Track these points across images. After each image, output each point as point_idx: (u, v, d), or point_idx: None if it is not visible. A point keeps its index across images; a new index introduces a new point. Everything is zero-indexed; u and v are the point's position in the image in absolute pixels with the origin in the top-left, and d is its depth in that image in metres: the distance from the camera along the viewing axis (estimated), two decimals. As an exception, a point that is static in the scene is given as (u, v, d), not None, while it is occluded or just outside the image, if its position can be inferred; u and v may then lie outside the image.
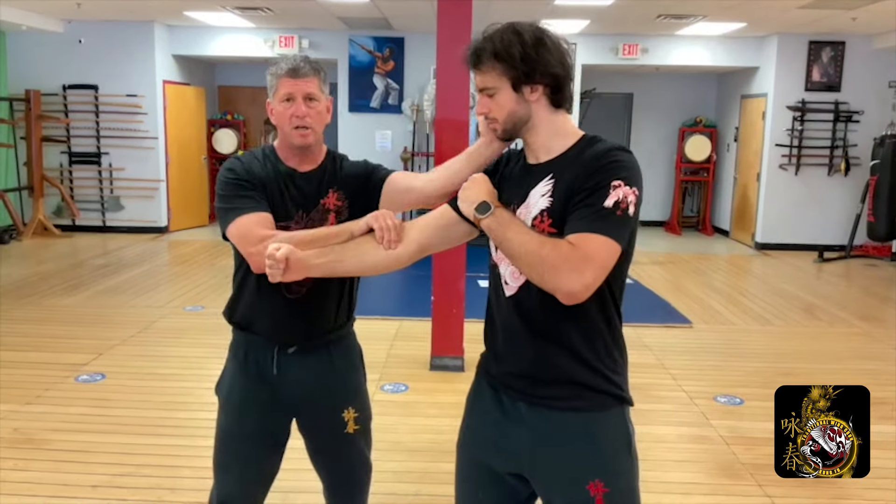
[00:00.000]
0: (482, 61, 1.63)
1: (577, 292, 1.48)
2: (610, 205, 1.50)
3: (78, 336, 5.24)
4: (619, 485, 1.62)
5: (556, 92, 1.64)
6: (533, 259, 1.50)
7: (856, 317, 6.43)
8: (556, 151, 1.64)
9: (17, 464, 3.34)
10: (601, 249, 1.49)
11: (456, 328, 4.72)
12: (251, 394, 2.06)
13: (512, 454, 1.68)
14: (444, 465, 3.43)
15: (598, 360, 1.62)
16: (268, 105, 2.04)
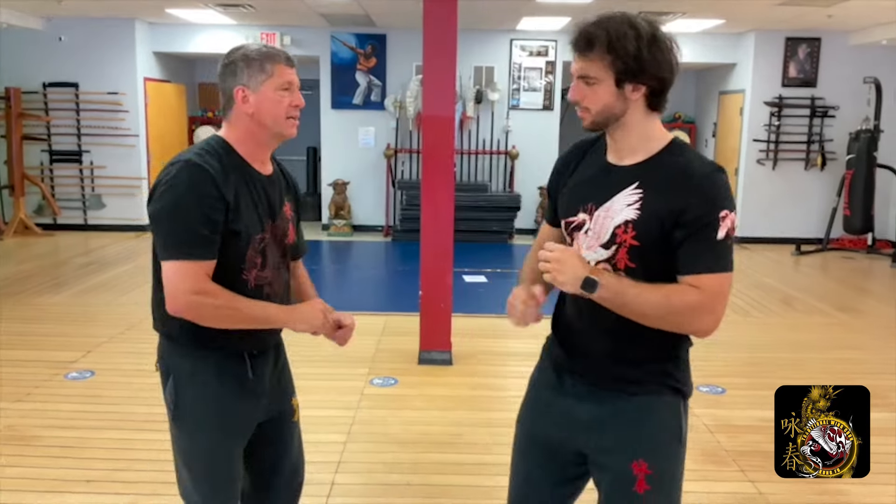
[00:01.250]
0: (593, 48, 1.57)
1: (712, 330, 1.58)
2: (722, 236, 1.54)
3: (65, 334, 5.24)
4: (663, 468, 1.70)
5: (656, 94, 1.61)
6: (664, 313, 1.56)
7: (833, 307, 6.57)
8: (642, 155, 1.63)
9: (10, 460, 3.36)
10: (725, 285, 1.57)
11: (443, 322, 4.78)
12: (235, 409, 1.92)
13: (572, 432, 1.76)
14: (434, 455, 3.52)
15: (657, 353, 1.69)
16: (240, 91, 1.82)
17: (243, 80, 1.83)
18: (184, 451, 1.95)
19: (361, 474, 3.29)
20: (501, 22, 9.43)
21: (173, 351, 1.90)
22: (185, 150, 1.85)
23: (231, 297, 1.78)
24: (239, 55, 1.85)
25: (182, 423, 1.91)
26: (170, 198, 1.75)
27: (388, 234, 10.20)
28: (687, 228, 1.55)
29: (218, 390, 1.89)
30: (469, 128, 10.16)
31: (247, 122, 1.86)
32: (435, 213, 4.69)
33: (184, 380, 1.89)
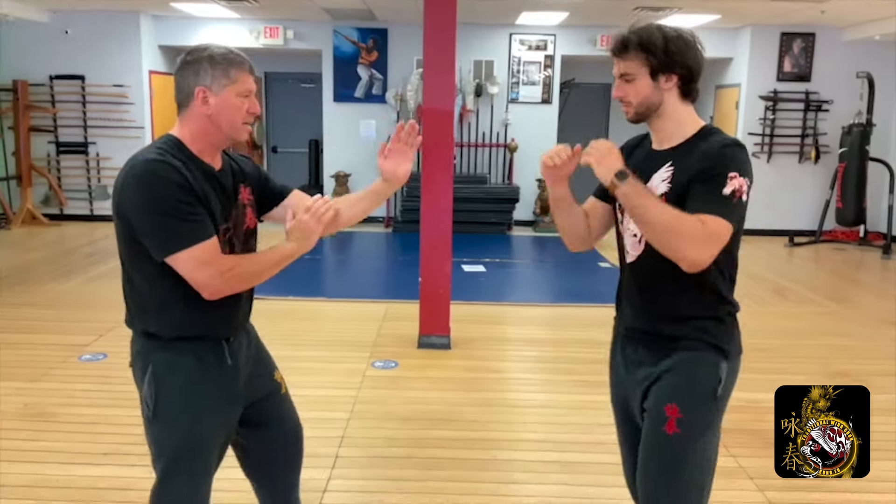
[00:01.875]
0: (628, 50, 1.84)
1: (699, 262, 1.74)
2: (728, 192, 1.74)
3: (77, 319, 5.42)
4: (694, 416, 1.88)
5: (687, 83, 1.86)
6: (665, 228, 1.74)
7: (824, 297, 6.75)
8: (678, 140, 1.88)
9: (31, 434, 3.54)
10: (723, 229, 1.74)
11: (442, 308, 4.95)
12: (215, 397, 1.98)
13: (633, 393, 1.98)
14: (434, 431, 3.69)
15: (699, 311, 1.89)
16: (202, 92, 1.85)
17: (206, 82, 1.86)
18: (162, 444, 1.96)
19: (364, 448, 3.47)
20: (501, 16, 9.58)
21: (152, 347, 1.93)
22: (140, 152, 1.88)
23: (249, 260, 1.94)
24: (205, 55, 1.86)
25: (163, 416, 1.92)
26: (148, 194, 1.78)
27: (389, 225, 10.37)
28: (698, 180, 1.77)
29: (199, 379, 1.94)
30: (469, 121, 10.32)
31: (203, 122, 1.89)
32: (434, 204, 4.85)
33: (164, 373, 1.91)
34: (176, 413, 1.93)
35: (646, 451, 1.94)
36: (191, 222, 1.80)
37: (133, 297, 1.96)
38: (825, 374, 4.61)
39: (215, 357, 1.97)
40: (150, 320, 1.92)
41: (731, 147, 1.81)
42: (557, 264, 8.30)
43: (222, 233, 1.92)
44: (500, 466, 3.34)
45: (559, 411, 4.01)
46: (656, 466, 1.92)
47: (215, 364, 1.97)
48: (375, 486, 3.12)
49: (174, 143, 1.89)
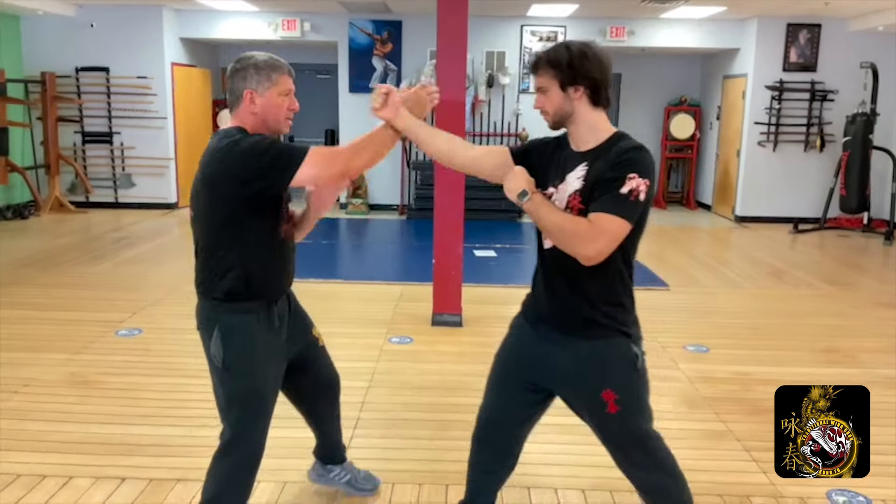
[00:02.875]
0: (540, 67, 2.12)
1: (592, 257, 2.01)
2: (625, 192, 1.99)
3: (110, 298, 5.76)
4: (627, 394, 2.16)
5: (595, 93, 2.10)
6: (560, 231, 2.04)
7: (822, 281, 6.99)
8: (592, 144, 2.12)
9: (77, 399, 3.87)
10: (613, 224, 1.98)
11: (455, 288, 5.25)
12: (269, 351, 2.33)
13: (544, 369, 2.24)
14: (447, 398, 4.00)
15: (609, 306, 2.14)
16: (250, 94, 2.20)
17: (252, 85, 2.22)
18: (233, 393, 2.31)
19: (382, 412, 3.78)
20: (512, 9, 9.83)
21: (219, 310, 2.28)
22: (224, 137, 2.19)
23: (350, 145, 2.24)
24: (251, 63, 2.23)
25: (232, 368, 2.28)
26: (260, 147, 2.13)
27: (403, 212, 10.67)
28: (601, 183, 2.03)
29: (257, 335, 2.31)
30: (481, 111, 10.58)
31: (252, 119, 2.25)
32: (447, 189, 5.14)
33: (230, 331, 2.27)
34: (242, 364, 2.29)
35: (604, 433, 2.23)
36: (293, 147, 2.17)
37: (204, 267, 2.30)
38: (814, 350, 4.88)
39: (267, 317, 2.34)
40: (217, 287, 2.27)
41: (633, 151, 2.04)
42: (566, 250, 8.56)
43: (283, 200, 2.31)
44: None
45: (563, 382, 4.30)
46: (620, 440, 2.22)
47: (267, 323, 2.34)
48: (393, 444, 3.44)
49: (242, 131, 2.23)
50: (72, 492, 2.95)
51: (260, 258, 2.27)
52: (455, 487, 3.01)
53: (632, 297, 2.20)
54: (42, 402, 3.83)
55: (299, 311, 2.60)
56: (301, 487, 3.01)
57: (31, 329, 4.98)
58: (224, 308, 2.28)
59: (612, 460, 2.31)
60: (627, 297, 2.18)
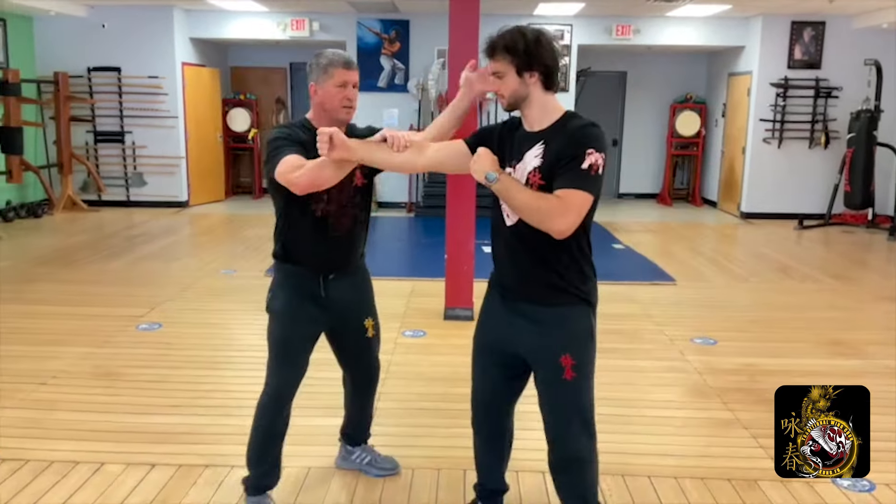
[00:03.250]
0: (496, 52, 2.22)
1: (564, 230, 2.13)
2: (586, 167, 2.11)
3: (130, 294, 5.88)
4: (583, 359, 2.30)
5: (548, 78, 2.23)
6: (532, 210, 2.14)
7: (827, 275, 7.08)
8: (546, 123, 2.24)
9: (103, 390, 4.00)
10: (579, 199, 2.12)
11: (466, 283, 5.35)
12: (303, 309, 2.68)
13: (512, 338, 2.37)
14: (460, 389, 4.04)
15: (571, 274, 2.28)
16: (312, 87, 2.56)
17: (314, 79, 2.56)
18: (270, 336, 2.73)
19: (398, 402, 3.90)
20: (519, 7, 9.93)
21: (277, 264, 2.73)
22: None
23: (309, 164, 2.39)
24: (315, 61, 2.57)
25: (270, 313, 2.73)
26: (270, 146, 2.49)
27: (411, 210, 10.79)
28: (562, 160, 2.14)
29: (295, 297, 2.68)
30: (488, 109, 10.68)
31: (317, 108, 2.60)
32: (459, 187, 5.24)
33: (277, 284, 2.73)
34: (278, 314, 2.70)
35: (553, 398, 2.35)
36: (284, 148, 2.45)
37: (274, 230, 2.71)
38: (819, 342, 4.98)
39: (313, 283, 2.67)
40: (276, 243, 2.70)
41: (588, 127, 2.17)
42: (573, 246, 8.67)
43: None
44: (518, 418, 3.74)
45: (573, 373, 4.42)
46: (568, 411, 2.34)
47: (312, 288, 2.67)
48: (410, 432, 3.56)
49: (302, 121, 2.63)
50: (104, 477, 3.07)
51: (298, 230, 2.62)
52: (472, 472, 3.11)
53: (592, 266, 2.33)
54: (70, 392, 3.96)
55: (363, 297, 2.87)
56: (325, 472, 3.13)
57: (53, 324, 5.11)
58: (278, 265, 2.73)
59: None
60: (588, 266, 2.31)
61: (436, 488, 3.05)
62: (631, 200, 12.26)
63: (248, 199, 11.69)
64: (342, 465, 3.16)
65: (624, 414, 3.75)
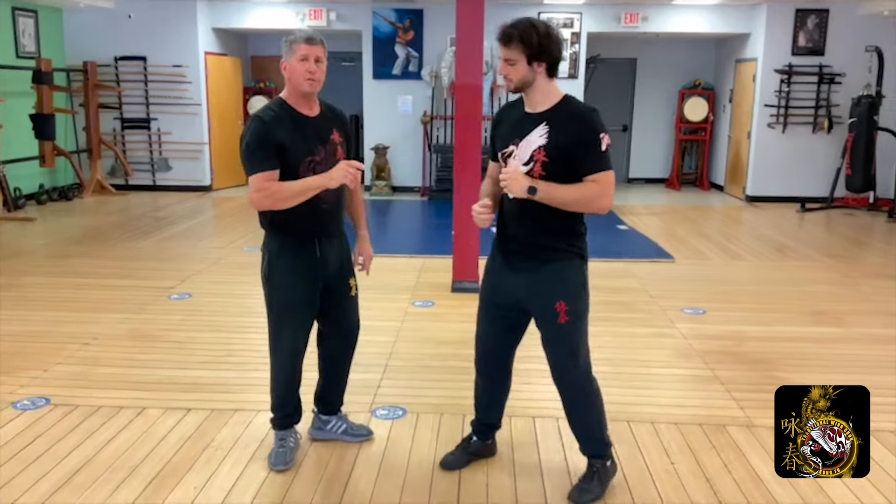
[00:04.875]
0: (511, 42, 2.54)
1: (608, 206, 2.58)
2: (604, 148, 2.53)
3: (160, 268, 6.31)
4: (576, 307, 2.69)
5: (552, 67, 2.59)
6: (578, 201, 2.54)
7: (823, 255, 7.38)
8: (546, 106, 2.61)
9: (142, 350, 4.42)
10: (610, 177, 2.54)
11: (472, 257, 5.72)
12: (304, 271, 2.93)
13: (513, 291, 2.75)
14: (466, 350, 4.40)
15: (566, 233, 2.67)
16: (282, 63, 2.80)
17: (284, 55, 2.82)
18: (271, 302, 2.98)
19: (408, 360, 4.29)
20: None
21: (269, 234, 2.96)
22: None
23: (279, 186, 2.75)
24: (284, 40, 2.83)
25: (270, 283, 2.97)
26: (245, 140, 2.78)
27: (425, 193, 11.16)
28: (582, 147, 2.52)
29: (293, 261, 2.92)
30: (499, 96, 11.01)
31: (288, 83, 2.85)
32: (466, 166, 5.61)
33: (273, 254, 2.95)
34: (279, 280, 2.95)
35: (551, 340, 2.74)
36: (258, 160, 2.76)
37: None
38: (804, 313, 5.31)
39: (307, 248, 2.93)
40: (263, 218, 2.94)
41: (592, 113, 2.55)
42: (580, 227, 9.02)
43: (307, 162, 2.82)
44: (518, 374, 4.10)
45: (569, 338, 4.79)
46: (563, 349, 2.73)
47: (308, 251, 2.93)
48: (417, 385, 3.96)
49: (278, 100, 2.87)
50: (146, 419, 3.49)
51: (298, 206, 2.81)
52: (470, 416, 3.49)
53: (583, 223, 2.71)
54: (111, 352, 4.38)
55: (346, 258, 3.12)
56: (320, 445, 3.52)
57: (92, 294, 5.55)
58: (272, 235, 2.96)
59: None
60: (579, 223, 2.69)
61: (437, 429, 3.43)
62: (640, 185, 12.54)
63: (268, 184, 12.09)
64: (317, 435, 3.29)
65: (612, 371, 4.11)
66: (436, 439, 3.33)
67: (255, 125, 2.78)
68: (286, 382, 3.10)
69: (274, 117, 2.79)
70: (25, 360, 4.17)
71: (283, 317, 3.00)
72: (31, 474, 2.97)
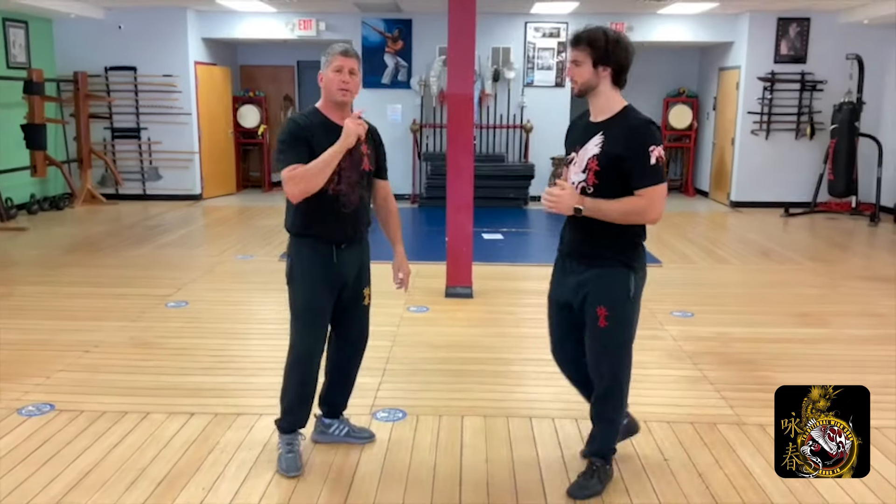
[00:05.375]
0: (580, 43, 2.66)
1: (657, 219, 2.68)
2: (654, 162, 2.61)
3: (155, 276, 6.37)
4: (616, 313, 2.78)
5: (618, 74, 2.68)
6: (624, 215, 2.64)
7: (806, 258, 7.54)
8: (607, 115, 2.69)
9: (143, 357, 4.48)
10: (658, 192, 2.63)
11: (465, 263, 5.83)
12: (321, 275, 3.00)
13: (566, 291, 2.89)
14: (461, 354, 4.59)
15: (615, 241, 2.75)
16: (320, 75, 2.94)
17: (322, 67, 2.96)
18: (293, 305, 3.07)
19: (405, 364, 4.38)
20: (517, 6, 10.39)
21: (293, 238, 3.06)
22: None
23: (304, 167, 2.82)
24: (324, 52, 2.97)
25: (292, 284, 3.06)
26: (279, 140, 2.92)
27: (415, 201, 11.26)
28: (630, 161, 2.62)
29: (315, 266, 3.01)
30: (487, 104, 11.15)
31: (323, 93, 2.99)
32: (458, 174, 5.72)
33: (296, 255, 3.05)
34: (301, 283, 3.04)
35: (591, 340, 2.86)
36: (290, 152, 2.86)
37: (286, 208, 3.05)
38: (789, 314, 5.45)
39: (327, 252, 3.01)
40: (290, 222, 3.04)
41: (645, 126, 2.64)
42: (569, 233, 9.16)
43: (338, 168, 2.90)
44: (512, 376, 4.26)
45: (562, 341, 4.90)
46: (599, 348, 2.85)
47: (326, 257, 3.01)
48: (416, 387, 4.05)
49: (313, 109, 3.02)
50: (151, 423, 3.55)
51: (315, 206, 2.92)
52: (469, 418, 3.61)
53: (640, 235, 2.79)
54: (112, 359, 4.44)
55: (364, 267, 3.19)
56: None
57: (89, 302, 5.60)
58: (294, 238, 3.06)
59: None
60: (634, 235, 2.77)
61: (437, 430, 3.52)
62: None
63: (258, 193, 12.17)
64: (320, 439, 3.35)
65: (605, 373, 4.22)
66: (436, 440, 3.42)
67: (289, 125, 2.94)
68: (299, 387, 3.12)
69: (307, 121, 2.94)
70: (27, 368, 4.22)
71: (301, 320, 3.08)
72: (42, 476, 3.04)
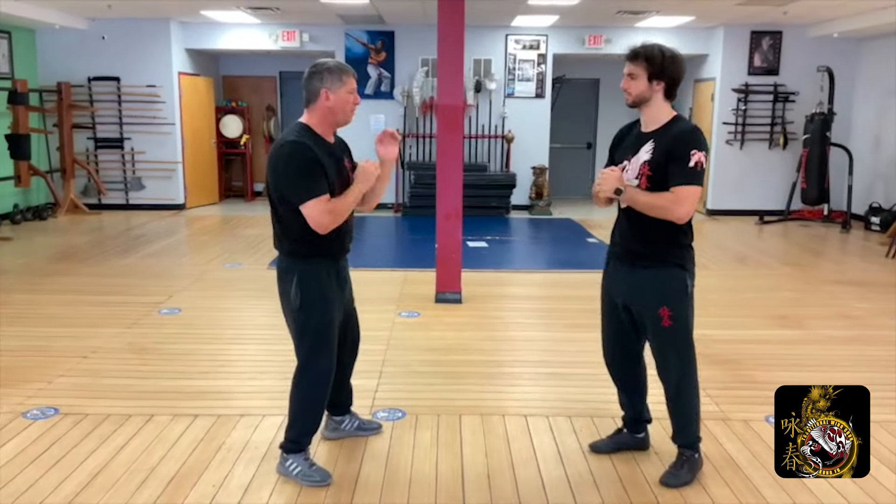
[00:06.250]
0: (637, 58, 2.82)
1: (683, 217, 2.81)
2: (692, 164, 2.75)
3: (147, 284, 6.42)
4: (678, 312, 2.94)
5: (670, 88, 2.84)
6: (653, 208, 2.79)
7: (781, 263, 7.78)
8: (657, 125, 2.86)
9: (140, 361, 4.56)
10: (689, 192, 2.75)
11: (455, 269, 5.96)
12: (333, 294, 3.01)
13: (622, 293, 3.04)
14: (453, 356, 4.72)
15: (663, 242, 2.90)
16: (325, 92, 2.82)
17: (327, 85, 2.84)
18: (306, 328, 2.97)
19: (400, 367, 4.50)
20: (498, 19, 10.59)
21: (296, 262, 2.95)
22: (285, 135, 2.88)
23: (339, 202, 2.88)
24: (325, 67, 2.87)
25: (307, 307, 2.94)
26: (294, 166, 2.79)
27: (398, 210, 11.38)
28: (672, 160, 2.76)
29: (326, 284, 2.99)
30: (469, 114, 11.31)
31: (325, 112, 2.88)
32: (448, 182, 5.85)
33: (306, 277, 2.94)
34: (315, 304, 2.97)
35: (658, 343, 3.02)
36: (317, 182, 2.82)
37: (282, 228, 2.96)
38: (767, 317, 5.65)
39: (334, 270, 3.04)
40: (291, 244, 2.96)
41: (690, 132, 2.82)
42: (551, 240, 9.37)
43: (336, 186, 2.92)
44: (505, 377, 4.39)
45: (551, 343, 5.07)
46: (666, 347, 2.99)
47: (333, 274, 3.04)
48: (412, 388, 4.17)
49: (305, 128, 2.91)
50: (155, 425, 3.63)
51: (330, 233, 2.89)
52: (467, 417, 3.74)
53: (687, 236, 2.93)
54: (111, 364, 4.51)
55: (349, 278, 3.26)
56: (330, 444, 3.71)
57: (82, 310, 5.65)
58: (301, 260, 2.96)
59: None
60: (682, 236, 2.91)
61: (437, 429, 3.64)
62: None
63: (240, 202, 12.21)
64: (331, 436, 3.43)
65: (593, 373, 4.34)
66: (436, 438, 3.54)
67: (304, 151, 2.79)
68: (319, 408, 3.12)
69: (312, 143, 2.84)
70: (28, 373, 4.28)
71: (320, 340, 3.00)
72: (52, 478, 3.11)
